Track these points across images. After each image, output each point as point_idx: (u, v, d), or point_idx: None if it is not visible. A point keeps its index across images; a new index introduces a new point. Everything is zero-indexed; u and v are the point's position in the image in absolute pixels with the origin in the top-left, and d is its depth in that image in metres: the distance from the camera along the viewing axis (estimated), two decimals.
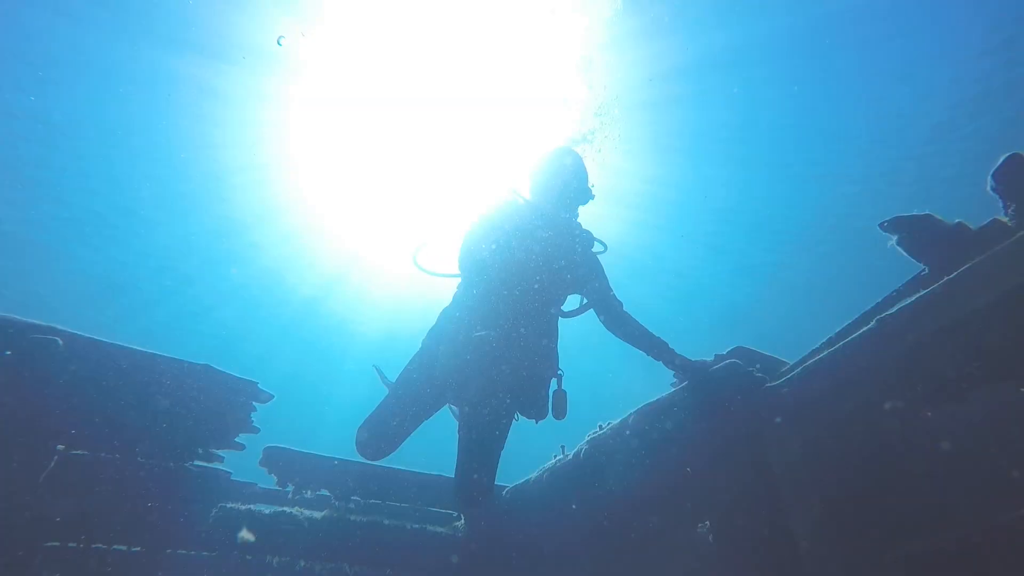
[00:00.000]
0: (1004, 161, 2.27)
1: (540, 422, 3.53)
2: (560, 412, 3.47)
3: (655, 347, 3.61)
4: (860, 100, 16.80)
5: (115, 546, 3.86)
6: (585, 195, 3.72)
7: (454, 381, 3.41)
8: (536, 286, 3.46)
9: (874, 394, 2.88)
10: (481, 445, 3.32)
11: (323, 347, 28.89)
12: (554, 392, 3.50)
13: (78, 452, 3.72)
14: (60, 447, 3.68)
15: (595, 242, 3.79)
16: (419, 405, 3.53)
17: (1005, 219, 2.38)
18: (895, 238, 2.71)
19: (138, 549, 3.89)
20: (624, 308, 3.79)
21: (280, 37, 14.15)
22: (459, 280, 3.77)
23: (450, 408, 3.76)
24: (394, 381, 3.67)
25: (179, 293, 23.74)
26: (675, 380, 3.96)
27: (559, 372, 3.56)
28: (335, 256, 22.40)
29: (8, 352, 3.12)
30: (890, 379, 2.83)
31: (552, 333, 3.63)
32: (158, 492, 3.86)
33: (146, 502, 3.85)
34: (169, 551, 3.98)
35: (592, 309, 3.79)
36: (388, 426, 3.48)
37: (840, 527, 2.99)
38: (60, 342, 3.22)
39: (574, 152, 3.88)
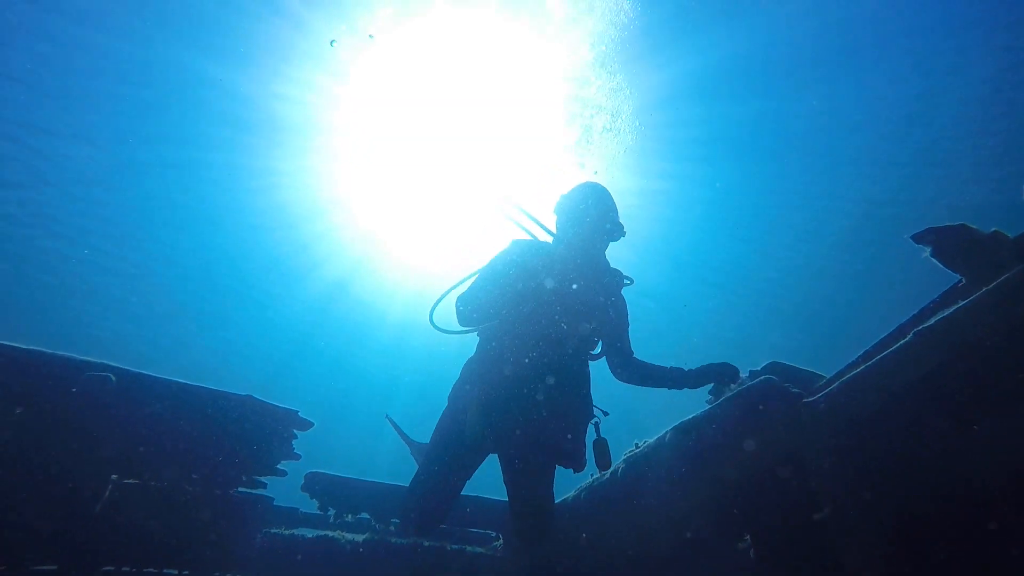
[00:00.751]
0: None
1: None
2: (603, 462, 3.30)
3: (673, 380, 3.51)
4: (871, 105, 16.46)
5: (166, 570, 4.00)
6: (615, 231, 3.54)
7: (492, 432, 3.23)
8: (566, 332, 3.29)
9: (914, 408, 2.82)
10: (532, 495, 3.26)
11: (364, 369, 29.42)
12: (594, 441, 3.35)
13: (130, 481, 3.89)
14: (114, 476, 3.85)
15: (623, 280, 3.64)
16: (461, 465, 3.34)
17: None
18: (928, 250, 2.66)
19: (187, 573, 4.03)
20: (634, 356, 3.64)
21: (332, 40, 14.56)
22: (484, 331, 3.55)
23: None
24: (427, 447, 3.49)
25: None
26: (710, 397, 3.92)
27: (596, 419, 3.40)
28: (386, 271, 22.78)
29: (71, 389, 3.29)
30: (930, 393, 2.76)
31: (585, 379, 3.47)
32: (205, 518, 3.99)
33: (194, 528, 3.99)
34: (217, 574, 4.10)
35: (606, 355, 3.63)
36: (437, 496, 3.31)
37: (883, 544, 2.92)
38: (112, 378, 3.38)
39: (600, 186, 3.70)
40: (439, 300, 3.62)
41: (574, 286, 3.32)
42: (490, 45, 15.38)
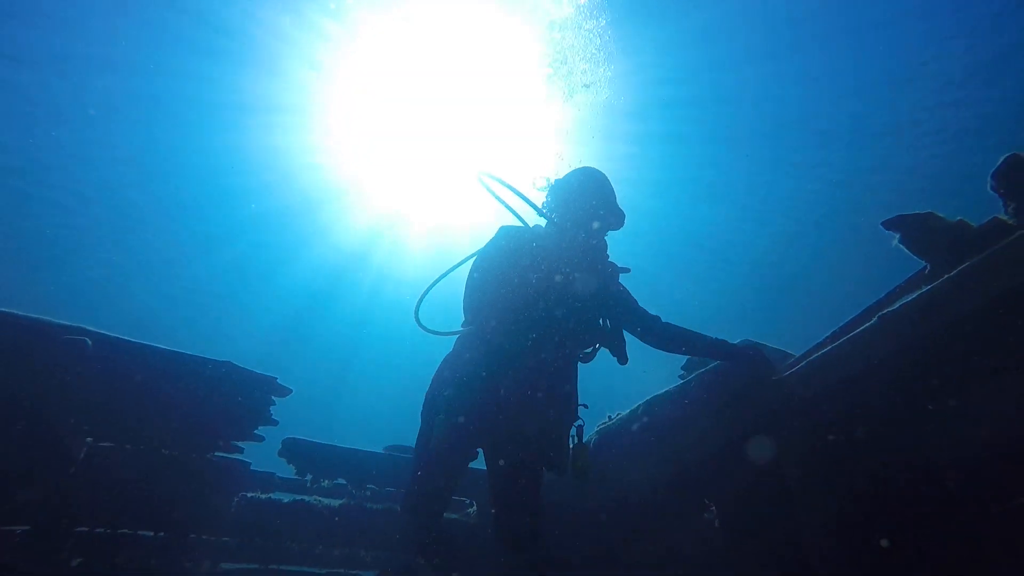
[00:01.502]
0: (1004, 161, 2.30)
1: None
2: (582, 471, 3.12)
3: (698, 346, 3.38)
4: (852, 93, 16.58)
5: (141, 531, 4.04)
6: (614, 219, 3.34)
7: (482, 427, 3.04)
8: (557, 328, 3.11)
9: (876, 389, 2.93)
10: (522, 498, 3.04)
11: (335, 342, 29.41)
12: (574, 446, 3.17)
13: (105, 444, 3.89)
14: (89, 440, 3.84)
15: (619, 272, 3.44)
16: (453, 472, 3.13)
17: (1005, 217, 2.41)
18: (897, 236, 2.75)
19: (163, 534, 4.06)
20: (662, 320, 3.45)
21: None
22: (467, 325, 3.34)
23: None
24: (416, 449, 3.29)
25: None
26: (682, 372, 4.02)
27: (579, 422, 3.21)
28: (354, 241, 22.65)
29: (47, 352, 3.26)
30: (892, 374, 2.88)
31: (574, 378, 3.30)
32: (182, 481, 4.02)
33: (170, 490, 4.01)
34: (193, 536, 4.15)
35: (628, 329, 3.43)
36: (435, 493, 3.11)
37: (846, 519, 3.06)
38: (89, 342, 3.36)
39: (597, 172, 3.49)
40: (423, 296, 3.41)
41: (569, 280, 3.12)
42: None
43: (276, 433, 4.17)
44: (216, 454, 4.05)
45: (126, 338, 3.62)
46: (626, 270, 3.46)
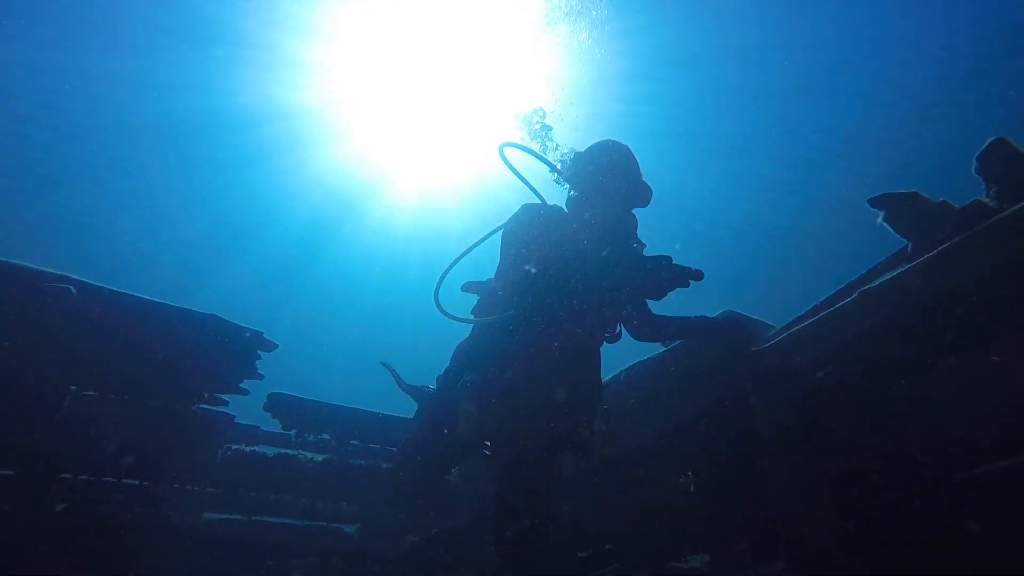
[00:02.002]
0: (989, 144, 2.34)
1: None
2: (608, 458, 3.04)
3: (684, 331, 3.37)
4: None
5: (124, 479, 4.08)
6: (639, 195, 3.18)
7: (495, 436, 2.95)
8: (589, 315, 2.99)
9: (853, 363, 3.02)
10: (532, 498, 2.93)
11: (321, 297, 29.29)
12: (603, 432, 3.07)
13: (89, 393, 3.89)
14: (72, 387, 3.84)
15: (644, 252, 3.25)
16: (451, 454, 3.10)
17: (987, 200, 2.47)
18: (882, 214, 2.79)
19: (147, 484, 4.11)
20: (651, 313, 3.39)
21: None
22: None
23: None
24: (415, 430, 3.19)
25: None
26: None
27: (605, 405, 3.13)
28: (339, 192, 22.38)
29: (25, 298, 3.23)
30: (869, 350, 2.96)
31: (600, 363, 3.21)
32: (166, 431, 4.05)
33: (154, 440, 4.05)
34: (177, 486, 4.20)
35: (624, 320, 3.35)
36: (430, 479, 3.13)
37: (816, 491, 3.17)
38: (73, 290, 3.33)
39: (620, 146, 3.31)
40: (442, 277, 3.22)
41: (595, 260, 2.99)
42: None
43: (262, 387, 4.20)
44: (201, 406, 4.08)
45: (111, 287, 3.59)
46: (642, 246, 3.32)
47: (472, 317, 3.14)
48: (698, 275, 2.85)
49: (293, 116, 18.56)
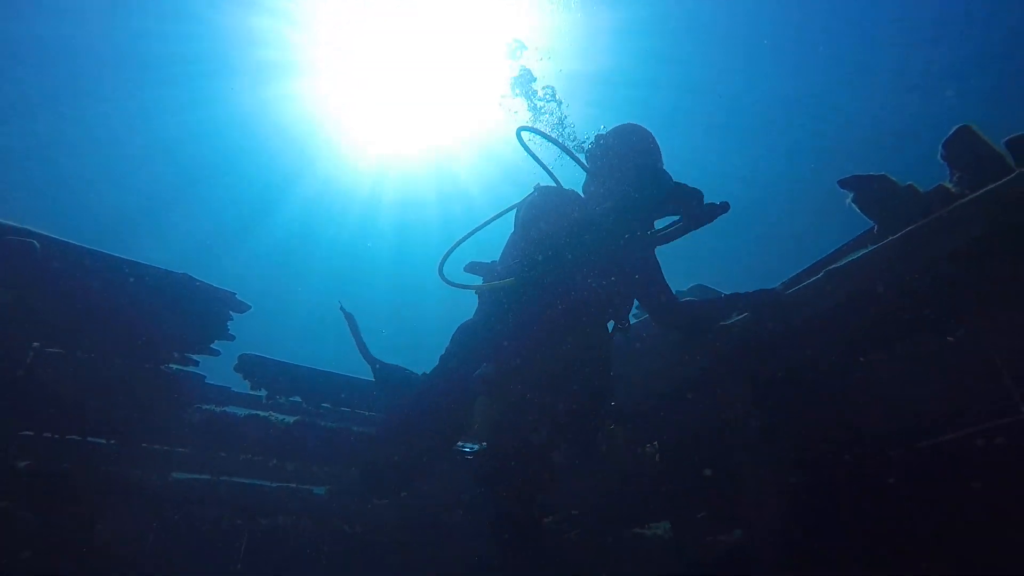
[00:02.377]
0: (954, 132, 2.43)
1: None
2: (612, 453, 3.02)
3: (721, 310, 3.32)
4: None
5: (90, 438, 4.03)
6: (657, 183, 3.01)
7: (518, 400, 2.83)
8: (603, 303, 2.95)
9: (816, 341, 3.13)
10: (533, 485, 2.93)
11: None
12: (609, 429, 3.10)
13: (54, 351, 3.81)
14: (35, 344, 3.75)
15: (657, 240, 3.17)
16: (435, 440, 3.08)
17: (949, 186, 2.56)
18: (851, 195, 2.88)
19: (113, 443, 4.07)
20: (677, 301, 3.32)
21: None
22: (489, 291, 3.12)
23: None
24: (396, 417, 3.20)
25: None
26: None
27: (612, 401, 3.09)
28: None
29: None
30: (832, 326, 3.07)
31: (611, 356, 3.16)
32: (134, 390, 4.00)
33: (121, 399, 4.00)
34: (144, 445, 4.17)
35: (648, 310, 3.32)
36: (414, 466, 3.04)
37: (775, 463, 3.31)
38: (37, 244, 3.24)
39: (640, 131, 3.22)
40: (449, 252, 3.17)
41: (607, 249, 2.93)
42: None
43: (233, 348, 4.18)
44: (170, 366, 4.04)
45: (76, 243, 3.50)
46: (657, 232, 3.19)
47: (477, 284, 3.11)
48: (725, 207, 2.94)
49: (257, 53, 17.92)
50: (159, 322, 3.78)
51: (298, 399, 4.40)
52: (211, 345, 4.07)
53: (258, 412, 4.24)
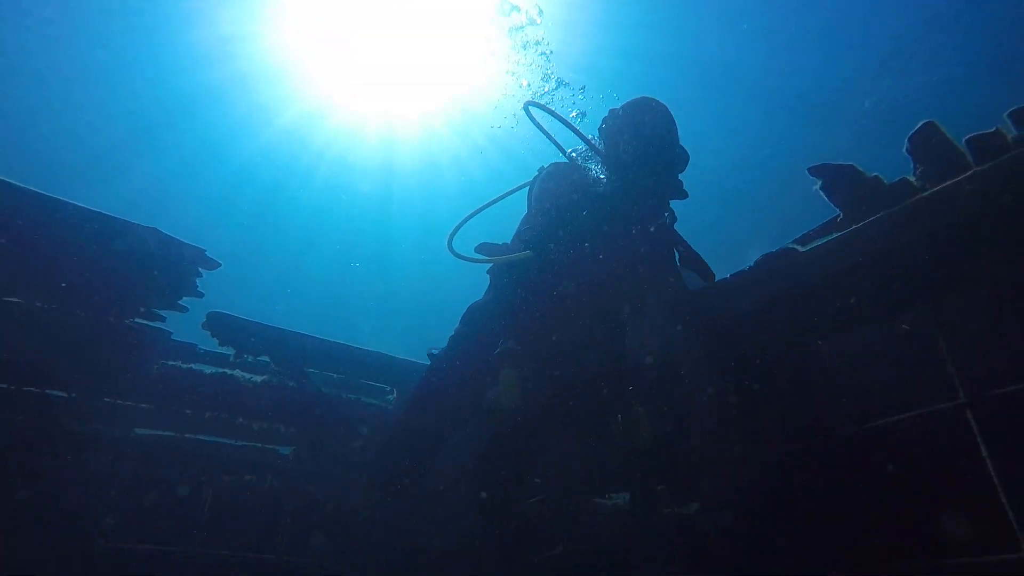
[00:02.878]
0: (919, 127, 2.51)
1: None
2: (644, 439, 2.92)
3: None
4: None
5: (49, 391, 3.96)
6: (676, 162, 2.94)
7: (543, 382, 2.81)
8: (618, 286, 2.90)
9: (776, 321, 3.25)
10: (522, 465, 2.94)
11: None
12: (629, 416, 3.02)
13: (11, 300, 3.71)
14: None
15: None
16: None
17: (912, 179, 2.66)
18: (819, 183, 2.96)
19: (75, 396, 4.01)
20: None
21: None
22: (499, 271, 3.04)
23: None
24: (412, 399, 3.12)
25: None
26: None
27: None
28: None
29: None
30: (792, 309, 3.19)
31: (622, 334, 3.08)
32: (97, 344, 3.94)
33: (83, 352, 3.92)
34: (107, 400, 4.12)
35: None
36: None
37: (735, 434, 3.44)
38: None
39: (656, 106, 3.06)
40: (459, 226, 3.11)
41: (625, 233, 2.87)
42: None
43: (202, 306, 4.13)
44: (136, 320, 3.97)
45: (40, 191, 3.40)
46: (674, 216, 3.12)
47: (486, 257, 3.05)
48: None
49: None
50: (124, 275, 3.71)
51: (266, 359, 4.39)
52: (179, 301, 4.01)
53: (226, 370, 4.22)
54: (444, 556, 4.18)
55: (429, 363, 3.90)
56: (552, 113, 3.16)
